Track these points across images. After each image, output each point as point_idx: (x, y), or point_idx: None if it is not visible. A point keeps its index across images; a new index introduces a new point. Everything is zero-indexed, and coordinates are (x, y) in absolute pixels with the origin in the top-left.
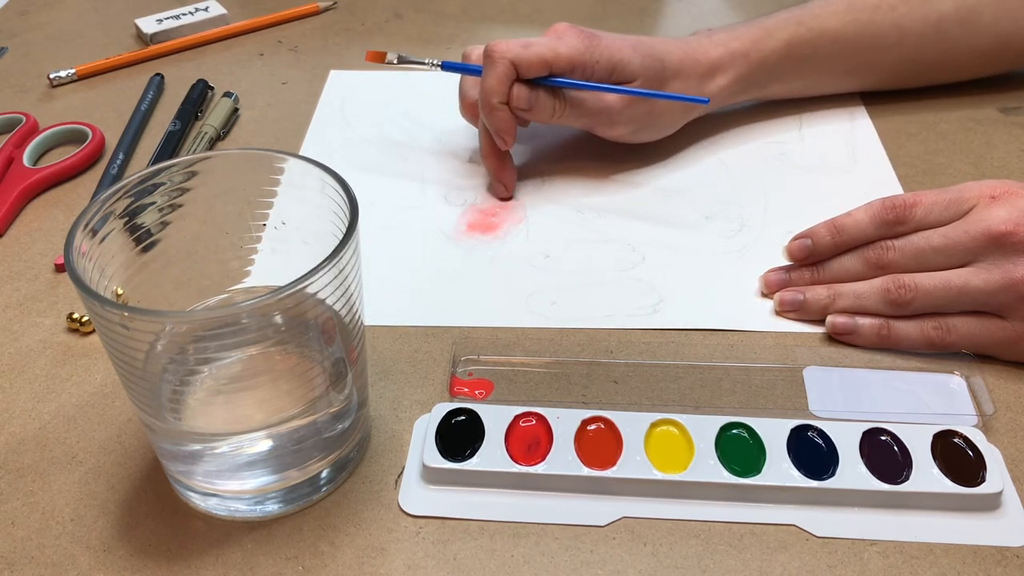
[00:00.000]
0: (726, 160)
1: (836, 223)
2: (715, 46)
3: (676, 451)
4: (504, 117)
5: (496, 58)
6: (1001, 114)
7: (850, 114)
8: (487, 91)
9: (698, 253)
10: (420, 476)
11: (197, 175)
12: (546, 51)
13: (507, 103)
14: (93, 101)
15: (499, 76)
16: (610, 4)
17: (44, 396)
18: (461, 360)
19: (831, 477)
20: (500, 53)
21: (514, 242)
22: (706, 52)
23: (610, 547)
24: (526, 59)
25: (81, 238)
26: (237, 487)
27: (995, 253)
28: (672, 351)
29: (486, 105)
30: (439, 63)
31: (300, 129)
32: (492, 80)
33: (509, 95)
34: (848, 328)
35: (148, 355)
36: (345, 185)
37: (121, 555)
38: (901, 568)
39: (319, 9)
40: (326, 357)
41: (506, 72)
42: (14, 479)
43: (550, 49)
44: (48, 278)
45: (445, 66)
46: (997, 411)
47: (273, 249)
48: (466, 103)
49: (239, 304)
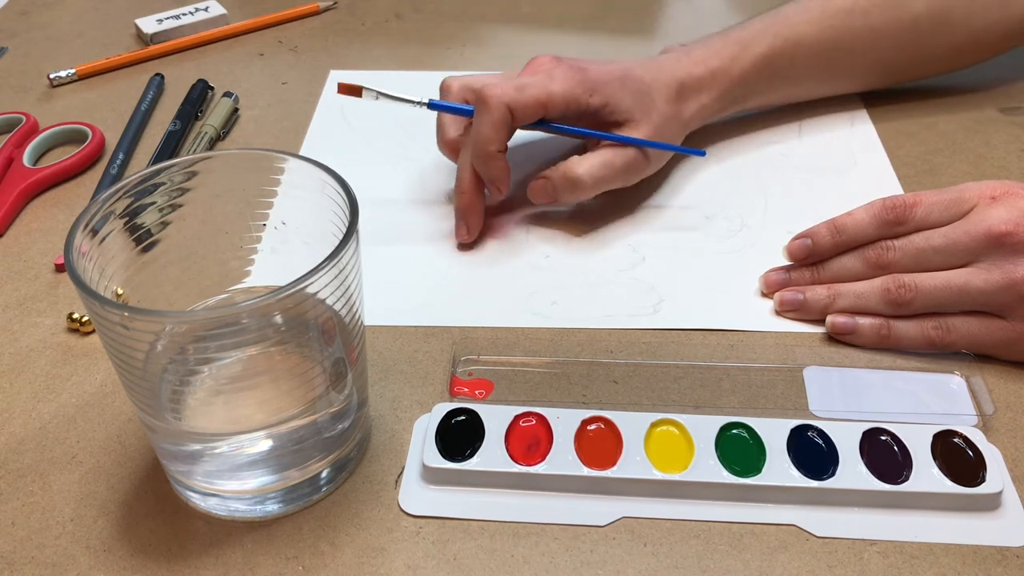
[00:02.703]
0: (726, 160)
1: (836, 223)
2: (695, 64)
3: (676, 451)
4: (501, 166)
5: (492, 104)
6: (1001, 114)
7: (850, 114)
8: (484, 139)
9: (698, 253)
10: (420, 476)
11: (197, 175)
12: (541, 93)
13: (503, 151)
14: (93, 101)
15: (495, 123)
16: (610, 4)
17: (44, 396)
18: (461, 360)
19: (831, 477)
20: (496, 98)
21: (515, 242)
22: (689, 72)
23: (610, 547)
24: (522, 103)
25: (81, 238)
26: (237, 487)
27: (995, 253)
28: (672, 351)
29: (482, 153)
30: (426, 101)
31: (300, 129)
32: (488, 127)
33: (533, 188)
34: (848, 328)
35: (148, 355)
36: (345, 185)
37: (121, 555)
38: (901, 568)
39: (319, 9)
40: (326, 357)
41: (502, 118)
42: (14, 479)
43: (544, 90)
44: (48, 278)
45: (432, 105)
46: (997, 411)
47: (273, 249)
48: (446, 140)
49: (239, 304)
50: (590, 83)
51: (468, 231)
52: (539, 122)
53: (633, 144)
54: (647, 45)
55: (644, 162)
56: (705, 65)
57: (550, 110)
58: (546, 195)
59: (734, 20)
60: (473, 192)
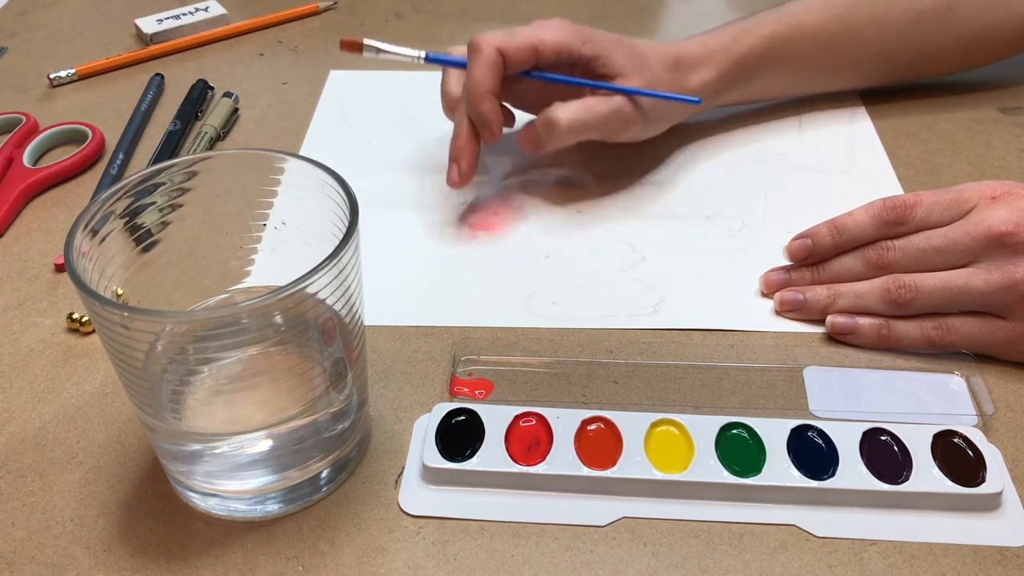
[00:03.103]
0: (726, 160)
1: (836, 223)
2: (695, 44)
3: (676, 451)
4: (492, 108)
5: (482, 47)
6: (1001, 114)
7: (850, 114)
8: (475, 81)
9: (698, 253)
10: (420, 476)
11: (197, 175)
12: (532, 38)
13: (495, 93)
14: (93, 101)
15: (486, 65)
16: (610, 4)
17: (44, 396)
18: (461, 360)
19: (831, 477)
20: (486, 41)
21: (514, 242)
22: (687, 49)
23: (610, 547)
24: (513, 46)
25: (81, 238)
26: (237, 487)
27: (996, 253)
28: (672, 351)
29: (473, 95)
30: (423, 55)
31: (300, 129)
32: (479, 69)
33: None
34: (848, 328)
35: (148, 355)
36: (345, 185)
37: (121, 555)
38: (901, 568)
39: (319, 9)
40: (326, 357)
41: (493, 60)
42: (14, 479)
43: (535, 36)
44: (48, 278)
45: (429, 58)
46: (997, 411)
47: (273, 249)
48: (450, 101)
49: (239, 304)
50: (584, 34)
51: (459, 175)
52: (533, 72)
53: (624, 92)
54: None
55: (634, 114)
56: (704, 45)
57: (542, 56)
58: (530, 141)
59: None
60: (467, 138)
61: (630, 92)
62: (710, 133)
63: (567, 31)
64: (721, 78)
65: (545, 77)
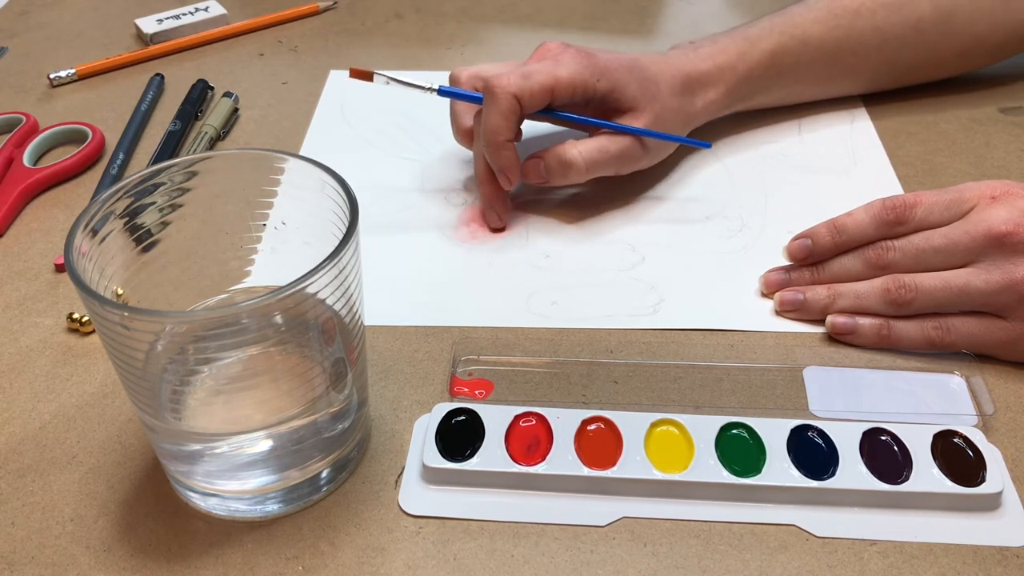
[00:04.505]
0: (726, 160)
1: (836, 223)
2: (702, 60)
3: (676, 451)
4: (510, 156)
5: (499, 93)
6: (1001, 114)
7: (850, 114)
8: (492, 129)
9: (698, 253)
10: (420, 476)
11: (197, 175)
12: (547, 78)
13: (512, 141)
14: (93, 101)
15: (503, 112)
16: (610, 4)
17: (44, 396)
18: (461, 360)
19: (831, 477)
20: (502, 88)
21: (514, 242)
22: (695, 67)
23: (610, 547)
24: (529, 91)
25: (81, 238)
26: (237, 487)
27: (995, 253)
28: (672, 351)
29: (491, 143)
30: (436, 87)
31: (300, 129)
32: (496, 117)
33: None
34: (848, 328)
35: (148, 355)
36: (345, 185)
37: (121, 555)
38: (901, 568)
39: (319, 9)
40: (326, 357)
41: (510, 107)
42: (14, 479)
43: (550, 76)
44: (48, 278)
45: (442, 91)
46: (997, 411)
47: (273, 249)
48: (461, 129)
49: (239, 304)
50: (598, 68)
51: (499, 218)
52: (547, 111)
53: (635, 134)
54: (647, 45)
55: (640, 151)
56: (712, 61)
57: (557, 95)
58: (538, 175)
59: (734, 20)
60: (492, 181)
61: (642, 134)
62: (711, 133)
63: (581, 65)
64: (728, 95)
65: (558, 116)
